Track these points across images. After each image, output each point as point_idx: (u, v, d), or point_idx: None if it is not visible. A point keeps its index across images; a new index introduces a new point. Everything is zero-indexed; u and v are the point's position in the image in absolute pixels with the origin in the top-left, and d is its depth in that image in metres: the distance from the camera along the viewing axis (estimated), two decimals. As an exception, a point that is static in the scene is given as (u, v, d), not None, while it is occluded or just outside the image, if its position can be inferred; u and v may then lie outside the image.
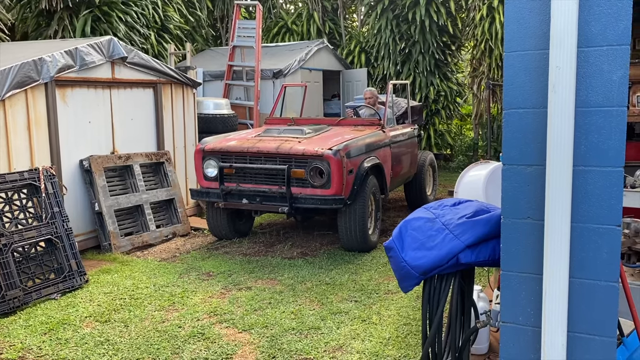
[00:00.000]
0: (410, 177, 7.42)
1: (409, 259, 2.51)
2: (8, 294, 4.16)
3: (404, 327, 3.77)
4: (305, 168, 5.32)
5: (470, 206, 2.62)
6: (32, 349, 3.55)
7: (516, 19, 2.01)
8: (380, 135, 6.25)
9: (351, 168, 5.36)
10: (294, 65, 9.58)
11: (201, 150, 5.82)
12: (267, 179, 5.52)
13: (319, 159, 5.25)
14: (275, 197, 5.43)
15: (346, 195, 5.29)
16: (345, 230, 5.52)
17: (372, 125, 6.47)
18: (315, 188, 5.32)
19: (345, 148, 5.34)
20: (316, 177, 5.32)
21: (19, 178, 4.59)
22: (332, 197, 5.23)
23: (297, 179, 5.38)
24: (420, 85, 11.18)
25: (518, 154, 2.06)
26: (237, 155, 5.62)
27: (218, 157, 5.71)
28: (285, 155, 5.38)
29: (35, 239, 4.54)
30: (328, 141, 5.54)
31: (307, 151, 5.30)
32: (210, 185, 5.76)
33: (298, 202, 5.33)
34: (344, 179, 5.24)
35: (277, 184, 5.44)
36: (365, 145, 5.74)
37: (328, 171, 5.22)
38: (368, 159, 5.68)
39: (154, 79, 6.69)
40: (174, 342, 3.61)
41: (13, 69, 5.03)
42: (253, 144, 5.62)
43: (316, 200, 5.26)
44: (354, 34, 12.72)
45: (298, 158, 5.34)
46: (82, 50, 5.73)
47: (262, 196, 5.48)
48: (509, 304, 2.15)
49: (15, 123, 5.12)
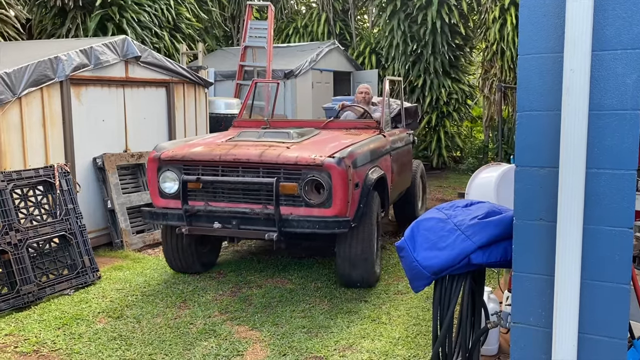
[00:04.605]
0: (403, 191, 6.30)
1: (421, 259, 2.53)
2: (23, 288, 4.22)
3: (414, 328, 3.78)
4: (299, 181, 4.18)
5: (482, 207, 2.63)
6: (46, 343, 3.61)
7: (530, 22, 2.03)
8: (382, 140, 5.18)
9: (357, 181, 4.27)
10: (305, 66, 9.63)
11: (156, 159, 4.57)
12: (246, 196, 4.35)
13: (316, 169, 4.12)
14: (258, 219, 4.26)
15: (351, 216, 4.18)
16: (348, 260, 4.39)
17: (367, 128, 5.40)
18: (311, 207, 4.17)
19: (351, 155, 4.23)
20: (313, 192, 4.20)
21: (34, 175, 4.66)
22: (334, 219, 4.10)
23: (286, 196, 4.23)
24: (432, 86, 11.17)
25: (531, 156, 2.07)
26: (205, 165, 4.42)
27: (179, 167, 4.49)
28: (271, 164, 4.23)
29: (50, 235, 4.61)
30: (325, 146, 4.46)
31: (301, 159, 4.16)
32: (169, 204, 4.53)
33: (289, 226, 4.15)
34: (349, 195, 4.13)
35: (261, 202, 4.29)
36: (370, 152, 4.65)
37: (329, 185, 4.09)
38: (372, 169, 4.61)
39: (166, 78, 6.75)
40: (186, 339, 3.65)
41: (30, 67, 5.11)
42: (226, 150, 4.41)
43: (313, 223, 4.10)
44: (364, 35, 12.75)
45: (289, 168, 4.19)
46: (97, 50, 5.80)
47: (240, 218, 4.30)
48: (520, 305, 2.17)
49: (31, 120, 5.20)
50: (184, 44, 9.97)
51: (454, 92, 11.38)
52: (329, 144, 4.55)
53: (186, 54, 9.90)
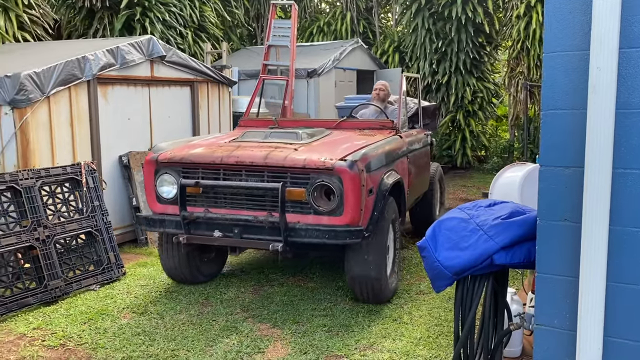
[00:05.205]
0: (420, 195, 5.95)
1: (442, 259, 2.51)
2: (50, 283, 4.32)
3: (435, 328, 3.76)
4: (307, 186, 3.85)
5: (505, 207, 2.60)
6: (72, 337, 3.69)
7: (556, 19, 2.00)
8: (398, 141, 4.82)
9: (371, 186, 3.95)
10: (328, 65, 9.63)
11: (153, 161, 4.25)
12: (250, 202, 4.03)
13: (327, 173, 3.79)
14: (262, 227, 3.93)
15: (364, 225, 3.84)
16: (359, 273, 4.03)
17: (383, 128, 5.03)
18: (320, 215, 3.84)
19: (365, 158, 3.89)
20: (322, 199, 3.87)
21: (61, 172, 4.75)
22: (345, 228, 3.76)
23: (293, 202, 3.90)
24: (457, 85, 11.07)
25: (556, 155, 2.04)
26: (205, 167, 4.10)
27: (177, 170, 4.18)
28: (277, 168, 3.91)
29: (77, 231, 4.70)
30: (336, 148, 4.13)
31: (310, 162, 3.82)
32: (167, 209, 4.23)
33: (296, 235, 3.82)
34: (362, 202, 3.80)
35: (266, 208, 3.96)
36: (385, 155, 4.30)
37: (340, 191, 3.75)
38: (388, 173, 4.28)
39: (191, 77, 6.82)
40: (208, 335, 3.69)
41: (58, 66, 5.21)
42: (229, 152, 4.10)
43: (322, 233, 3.77)
44: (388, 33, 12.69)
45: (296, 172, 3.87)
46: (123, 49, 5.89)
47: (242, 226, 3.98)
48: (544, 307, 2.14)
49: (59, 119, 5.31)
50: (208, 44, 10.06)
51: (479, 90, 11.25)
52: (340, 146, 4.24)
53: (210, 53, 9.99)
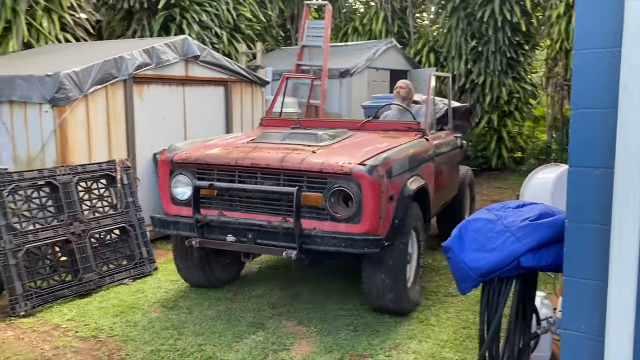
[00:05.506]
0: (448, 201, 5.65)
1: (468, 260, 2.48)
2: (85, 276, 4.44)
3: (463, 331, 3.71)
4: (324, 192, 3.67)
5: (534, 209, 2.55)
6: (104, 329, 3.79)
7: (587, 16, 1.95)
8: (424, 144, 4.59)
9: (392, 193, 3.75)
10: (361, 65, 9.60)
11: (168, 162, 4.15)
12: (265, 206, 3.88)
13: (344, 178, 3.61)
14: (276, 233, 3.76)
15: (383, 234, 3.65)
16: (377, 283, 3.85)
17: (408, 130, 4.78)
18: (337, 222, 3.67)
19: (386, 163, 3.70)
20: (340, 205, 3.69)
21: (97, 169, 4.89)
22: (363, 237, 3.56)
23: (310, 208, 3.73)
24: (492, 85, 10.89)
25: (585, 155, 1.99)
26: (221, 169, 3.99)
27: (192, 171, 4.08)
28: (293, 171, 3.75)
29: (111, 226, 4.82)
30: (357, 151, 3.93)
31: (327, 166, 3.65)
32: (181, 211, 4.12)
33: (311, 243, 3.64)
34: (382, 209, 3.61)
35: (281, 213, 3.80)
36: (409, 159, 4.10)
37: (358, 197, 3.56)
38: (412, 178, 4.07)
39: (224, 77, 6.91)
40: (235, 331, 3.74)
41: (96, 66, 5.36)
42: (245, 153, 3.97)
43: (338, 241, 3.56)
44: (423, 33, 12.58)
45: (313, 176, 3.71)
46: (159, 49, 6.01)
47: (256, 231, 3.81)
48: (571, 311, 2.08)
49: (96, 117, 5.45)
50: (243, 44, 10.17)
51: (515, 91, 11.03)
52: (361, 149, 4.05)
53: (245, 54, 10.09)
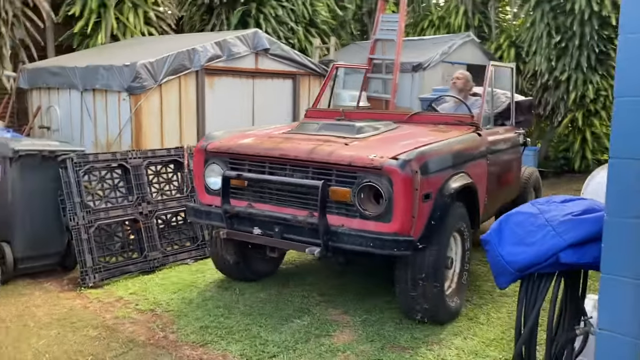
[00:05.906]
0: (506, 203, 5.20)
1: (505, 254, 2.40)
2: (150, 254, 4.72)
3: (512, 331, 3.56)
4: (353, 186, 3.41)
5: (580, 204, 2.42)
6: (161, 304, 4.01)
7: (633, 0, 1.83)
8: (475, 140, 4.26)
9: (428, 191, 3.44)
10: (435, 59, 9.41)
11: (202, 150, 4.08)
12: (293, 200, 3.68)
13: (374, 172, 3.34)
14: (301, 228, 3.56)
15: (416, 235, 3.37)
16: (409, 288, 3.59)
17: (460, 124, 4.45)
18: (366, 219, 3.40)
19: (421, 158, 3.40)
20: (369, 202, 3.42)
21: (166, 154, 5.16)
22: (393, 237, 3.30)
23: (338, 203, 3.50)
24: (576, 82, 10.30)
25: (628, 146, 1.88)
26: (252, 159, 3.85)
27: (225, 161, 3.97)
28: (321, 163, 3.53)
29: (176, 209, 5.08)
30: (392, 145, 3.63)
31: (357, 159, 3.40)
32: (214, 201, 4.00)
33: (338, 240, 3.41)
34: (415, 208, 3.32)
35: (308, 208, 3.59)
36: (452, 155, 3.80)
37: (389, 194, 3.29)
38: (455, 176, 3.75)
39: (293, 70, 7.04)
40: (282, 314, 3.84)
41: (170, 57, 5.65)
42: (276, 144, 3.83)
43: (366, 240, 3.31)
44: (505, 28, 12.11)
45: (342, 170, 3.46)
46: (230, 42, 6.23)
47: (283, 225, 3.64)
48: (608, 311, 1.98)
49: (169, 106, 5.76)
50: (318, 39, 10.28)
51: (603, 89, 10.37)
52: (400, 142, 3.75)
53: (319, 48, 10.20)
